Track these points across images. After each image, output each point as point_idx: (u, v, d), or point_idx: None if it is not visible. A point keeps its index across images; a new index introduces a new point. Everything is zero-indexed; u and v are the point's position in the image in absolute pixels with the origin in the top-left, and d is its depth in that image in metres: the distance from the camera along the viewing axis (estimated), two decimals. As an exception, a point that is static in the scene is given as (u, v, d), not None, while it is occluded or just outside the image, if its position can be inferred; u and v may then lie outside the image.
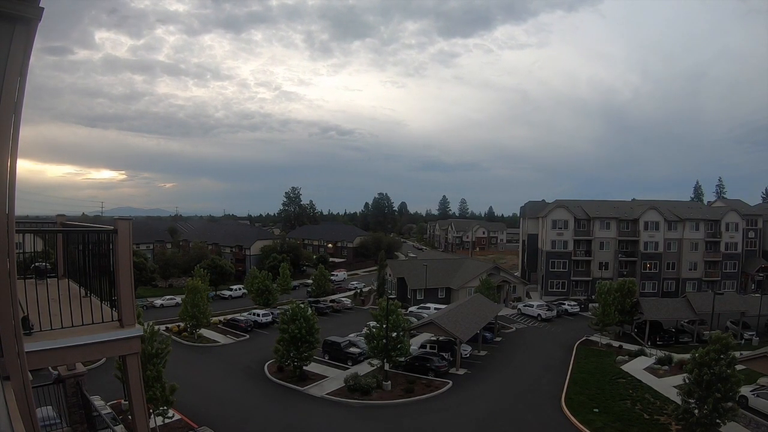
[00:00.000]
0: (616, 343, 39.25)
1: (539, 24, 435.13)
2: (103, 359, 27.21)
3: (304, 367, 30.69)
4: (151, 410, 20.25)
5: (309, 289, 62.65)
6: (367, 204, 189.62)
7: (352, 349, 34.50)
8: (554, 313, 50.45)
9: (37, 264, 7.36)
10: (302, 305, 31.30)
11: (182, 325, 42.03)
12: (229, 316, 48.12)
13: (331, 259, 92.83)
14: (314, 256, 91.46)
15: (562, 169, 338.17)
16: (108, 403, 22.36)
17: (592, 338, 40.70)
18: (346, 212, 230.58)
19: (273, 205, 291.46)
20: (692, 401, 20.77)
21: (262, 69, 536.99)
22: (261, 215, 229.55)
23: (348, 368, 32.17)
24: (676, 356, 32.68)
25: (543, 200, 76.28)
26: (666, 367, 31.67)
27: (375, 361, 31.03)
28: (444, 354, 33.04)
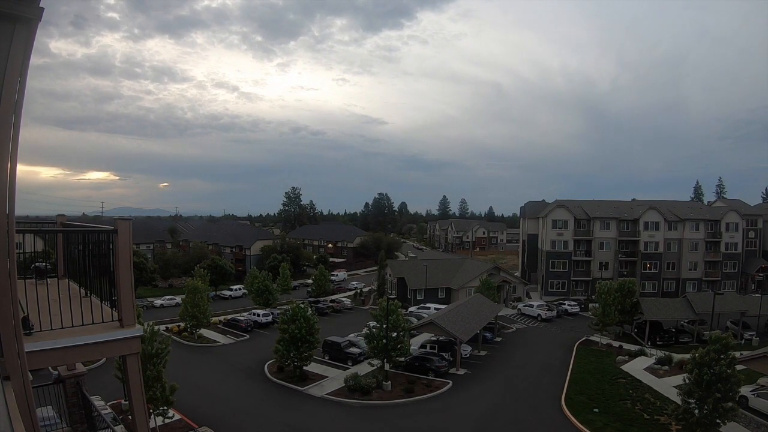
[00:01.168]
0: (616, 343, 39.24)
1: (464, 10, 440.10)
2: (103, 359, 27.23)
3: (304, 367, 30.68)
4: (151, 410, 20.24)
5: (309, 289, 62.64)
6: (367, 204, 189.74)
7: (352, 349, 34.49)
8: (554, 313, 50.44)
9: (37, 264, 7.36)
10: (302, 305, 31.28)
11: (182, 325, 42.03)
12: (229, 316, 48.10)
13: (331, 259, 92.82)
14: (314, 256, 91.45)
15: (546, 168, 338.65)
16: (108, 403, 22.33)
17: (592, 338, 40.69)
18: (346, 212, 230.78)
19: (271, 205, 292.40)
20: (692, 401, 20.75)
21: (214, 71, 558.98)
22: (261, 215, 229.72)
23: (348, 368, 32.16)
24: (676, 356, 32.67)
25: (543, 200, 76.34)
26: (666, 367, 31.67)
27: (375, 361, 31.02)
28: (444, 354, 33.02)
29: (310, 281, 66.62)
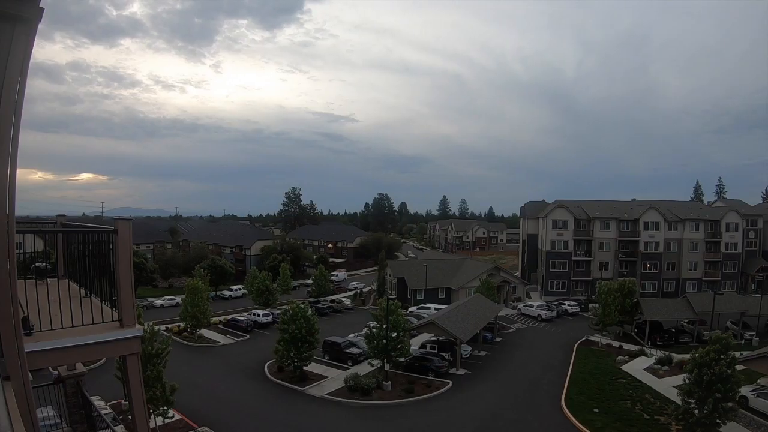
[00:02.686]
0: (616, 344, 39.24)
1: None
2: (103, 359, 27.21)
3: (304, 368, 30.67)
4: (151, 410, 20.24)
5: (309, 290, 62.62)
6: (367, 204, 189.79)
7: (352, 350, 34.48)
8: (554, 313, 50.42)
9: (37, 264, 7.36)
10: (302, 305, 31.28)
11: (182, 325, 42.02)
12: (229, 317, 48.10)
13: (331, 260, 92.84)
14: (314, 257, 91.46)
15: (523, 166, 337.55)
16: (108, 403, 22.36)
17: (592, 338, 40.69)
18: (346, 212, 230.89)
19: (271, 206, 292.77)
20: (692, 401, 20.75)
21: (156, 74, 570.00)
22: (261, 215, 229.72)
23: (348, 368, 32.15)
24: (676, 356, 32.68)
25: (543, 200, 76.37)
26: (666, 368, 31.67)
27: (375, 362, 31.01)
28: (444, 354, 33.03)
29: (310, 281, 66.60)
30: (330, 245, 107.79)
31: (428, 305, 49.83)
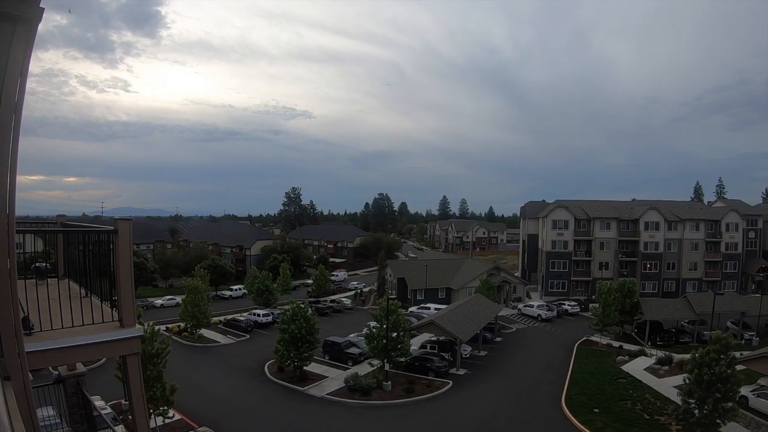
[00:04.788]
0: (616, 344, 39.23)
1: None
2: (103, 359, 27.23)
3: (305, 367, 30.68)
4: (151, 410, 20.24)
5: (309, 290, 62.63)
6: (367, 204, 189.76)
7: (352, 350, 34.48)
8: (554, 313, 50.41)
9: (37, 264, 7.36)
10: (302, 305, 31.28)
11: (182, 325, 42.03)
12: (229, 317, 48.10)
13: (331, 260, 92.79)
14: (314, 257, 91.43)
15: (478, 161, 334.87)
16: (108, 403, 22.35)
17: (593, 338, 40.69)
18: (346, 212, 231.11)
19: (271, 206, 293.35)
20: (692, 401, 20.76)
21: (88, 80, 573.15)
22: (261, 215, 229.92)
23: (348, 368, 32.16)
24: (677, 356, 32.67)
25: (543, 200, 76.39)
26: (666, 368, 31.66)
27: (375, 362, 31.00)
28: (444, 354, 33.02)
29: (310, 281, 66.60)
30: (330, 245, 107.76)
31: (428, 305, 49.81)
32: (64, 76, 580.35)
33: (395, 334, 30.30)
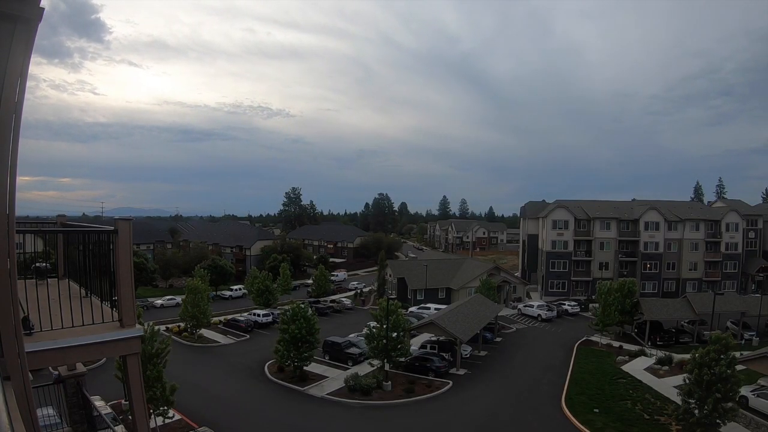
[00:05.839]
0: (616, 344, 39.23)
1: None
2: (103, 359, 27.24)
3: (305, 368, 30.68)
4: (151, 410, 20.25)
5: (309, 290, 62.63)
6: (367, 204, 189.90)
7: (353, 350, 34.47)
8: (554, 313, 50.42)
9: (37, 264, 7.36)
10: (302, 305, 31.28)
11: (182, 325, 42.03)
12: (229, 317, 48.11)
13: (331, 260, 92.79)
14: (314, 257, 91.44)
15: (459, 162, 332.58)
16: (108, 403, 22.35)
17: (593, 338, 40.69)
18: (346, 212, 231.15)
19: (271, 206, 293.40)
20: (692, 401, 20.76)
21: (51, 80, 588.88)
22: (261, 215, 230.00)
23: (348, 368, 32.16)
24: (677, 356, 32.67)
25: (543, 200, 76.38)
26: (666, 368, 31.66)
27: (375, 362, 31.01)
28: (444, 354, 33.02)
29: (310, 281, 66.61)
30: (330, 245, 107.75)
31: (428, 305, 49.82)
32: (34, 80, 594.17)
33: (395, 334, 30.31)
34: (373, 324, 31.65)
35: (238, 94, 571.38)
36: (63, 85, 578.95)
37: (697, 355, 21.20)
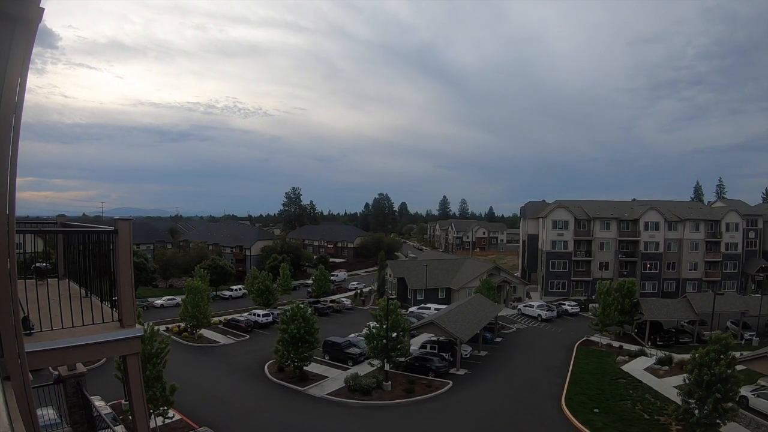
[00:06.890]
0: (616, 344, 39.23)
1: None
2: (103, 359, 27.25)
3: (305, 368, 30.68)
4: (151, 410, 20.25)
5: (309, 290, 62.64)
6: (367, 204, 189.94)
7: (352, 350, 34.48)
8: (554, 313, 50.41)
9: (37, 264, 7.36)
10: (302, 305, 31.29)
11: (182, 325, 42.04)
12: (229, 317, 48.10)
13: (331, 260, 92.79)
14: (314, 257, 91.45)
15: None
16: (108, 403, 22.35)
17: (593, 338, 40.68)
18: (346, 212, 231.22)
19: (271, 206, 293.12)
20: (692, 401, 20.75)
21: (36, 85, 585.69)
22: (261, 215, 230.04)
23: (348, 368, 32.16)
24: (677, 356, 32.66)
25: (543, 200, 76.39)
26: (666, 368, 31.66)
27: (375, 362, 31.02)
28: (444, 354, 33.02)
29: (310, 281, 66.59)
30: (330, 245, 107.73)
31: (428, 305, 49.82)
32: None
33: (395, 334, 30.31)
34: (373, 324, 31.66)
35: (203, 93, 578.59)
36: (33, 89, 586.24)
37: (697, 355, 21.19)
